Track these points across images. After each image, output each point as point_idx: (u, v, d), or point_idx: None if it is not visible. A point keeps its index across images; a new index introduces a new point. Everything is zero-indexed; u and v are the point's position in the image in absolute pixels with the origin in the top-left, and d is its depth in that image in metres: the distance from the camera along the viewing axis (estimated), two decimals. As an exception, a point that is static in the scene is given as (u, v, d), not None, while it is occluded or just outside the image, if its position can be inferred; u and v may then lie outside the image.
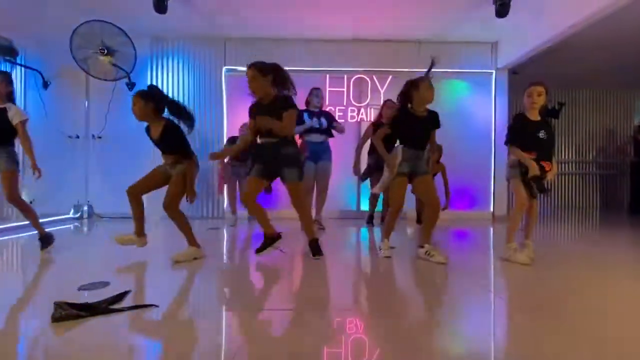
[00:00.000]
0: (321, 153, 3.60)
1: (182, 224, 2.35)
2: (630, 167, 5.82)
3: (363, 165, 3.77)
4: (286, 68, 4.56)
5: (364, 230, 3.80)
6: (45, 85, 4.52)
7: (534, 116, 2.31)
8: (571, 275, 2.10)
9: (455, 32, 4.31)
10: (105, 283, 1.82)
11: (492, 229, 4.17)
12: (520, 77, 4.95)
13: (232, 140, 4.06)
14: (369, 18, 4.02)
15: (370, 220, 3.97)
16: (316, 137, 3.57)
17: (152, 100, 2.27)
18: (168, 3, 3.44)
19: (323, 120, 3.58)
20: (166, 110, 2.35)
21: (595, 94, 6.65)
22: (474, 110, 4.65)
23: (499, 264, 2.35)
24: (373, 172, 3.66)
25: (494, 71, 4.61)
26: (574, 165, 6.52)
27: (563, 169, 6.44)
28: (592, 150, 6.55)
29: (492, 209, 4.63)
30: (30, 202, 4.30)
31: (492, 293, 1.80)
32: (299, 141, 3.19)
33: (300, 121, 3.37)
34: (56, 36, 3.98)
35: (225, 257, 2.71)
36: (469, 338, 1.31)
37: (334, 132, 3.72)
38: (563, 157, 6.47)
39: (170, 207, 2.29)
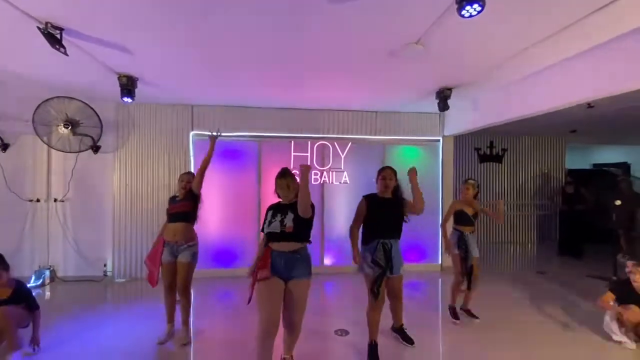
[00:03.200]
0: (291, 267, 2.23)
1: None
2: (559, 215, 6.65)
3: None
4: (253, 134, 4.87)
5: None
6: (4, 147, 4.43)
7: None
8: None
9: (407, 107, 4.79)
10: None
11: (440, 279, 4.76)
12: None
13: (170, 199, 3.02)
14: (331, 94, 4.34)
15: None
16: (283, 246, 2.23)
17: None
18: (135, 89, 3.57)
19: (289, 216, 2.22)
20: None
21: (532, 140, 7.50)
22: (424, 172, 5.14)
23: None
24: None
25: (440, 138, 5.15)
26: (515, 207, 7.31)
27: (505, 210, 7.20)
28: (530, 193, 7.38)
29: (440, 261, 5.17)
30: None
31: None
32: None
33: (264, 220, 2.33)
34: (18, 109, 3.96)
35: None
36: None
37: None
38: (504, 199, 7.24)
39: None
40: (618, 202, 4.65)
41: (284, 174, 2.33)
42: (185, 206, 2.82)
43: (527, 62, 3.00)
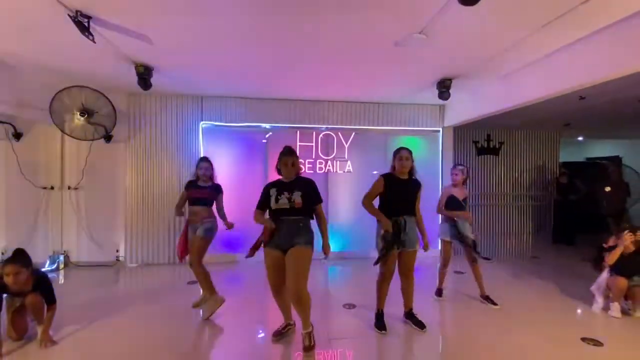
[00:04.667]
0: (294, 234, 2.42)
1: None
2: (553, 204, 6.91)
3: None
4: (260, 124, 5.04)
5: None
6: (18, 136, 4.56)
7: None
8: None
9: (408, 98, 4.99)
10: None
11: (438, 265, 4.94)
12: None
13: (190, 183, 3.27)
14: (336, 85, 4.51)
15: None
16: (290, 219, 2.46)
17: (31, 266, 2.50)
18: (151, 78, 3.73)
19: (297, 194, 2.43)
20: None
21: (527, 133, 7.73)
22: (425, 162, 5.36)
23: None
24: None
25: (441, 129, 5.36)
26: (510, 197, 7.54)
27: (501, 201, 7.44)
28: (525, 184, 7.61)
29: (439, 247, 5.36)
30: (2, 253, 4.39)
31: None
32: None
33: (265, 198, 2.53)
34: (34, 97, 4.10)
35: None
36: None
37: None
38: (501, 190, 7.47)
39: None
40: (608, 189, 4.88)
41: (292, 152, 2.51)
42: (205, 194, 3.16)
43: (526, 51, 3.15)
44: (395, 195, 2.71)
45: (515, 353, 2.47)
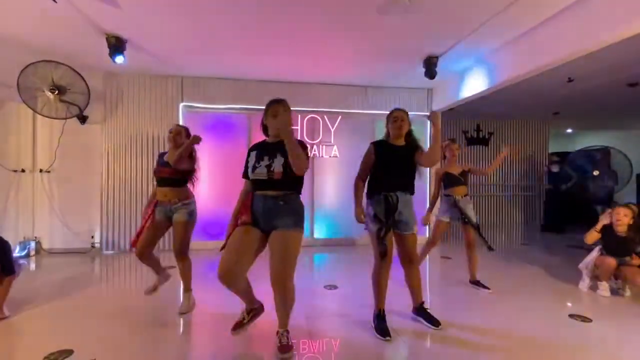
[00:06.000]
0: (274, 214, 1.93)
1: None
2: (544, 193, 6.87)
3: None
4: (242, 106, 4.88)
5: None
6: (-14, 116, 4.33)
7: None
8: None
9: (395, 81, 4.87)
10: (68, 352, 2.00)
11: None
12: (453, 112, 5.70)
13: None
14: (320, 65, 4.37)
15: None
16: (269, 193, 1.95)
17: None
18: (124, 52, 3.54)
19: (278, 160, 1.91)
20: None
21: (517, 124, 7.71)
22: (413, 147, 5.26)
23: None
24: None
25: (429, 113, 5.25)
26: (500, 188, 7.50)
27: (490, 192, 7.39)
28: (515, 175, 7.58)
29: (427, 234, 5.27)
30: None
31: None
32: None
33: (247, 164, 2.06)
34: (4, 75, 3.88)
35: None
36: None
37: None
38: (491, 180, 7.43)
39: None
40: (596, 172, 4.83)
41: (280, 100, 1.97)
42: (172, 173, 2.48)
43: (513, 22, 3.07)
44: (389, 165, 2.20)
45: (502, 329, 2.36)
